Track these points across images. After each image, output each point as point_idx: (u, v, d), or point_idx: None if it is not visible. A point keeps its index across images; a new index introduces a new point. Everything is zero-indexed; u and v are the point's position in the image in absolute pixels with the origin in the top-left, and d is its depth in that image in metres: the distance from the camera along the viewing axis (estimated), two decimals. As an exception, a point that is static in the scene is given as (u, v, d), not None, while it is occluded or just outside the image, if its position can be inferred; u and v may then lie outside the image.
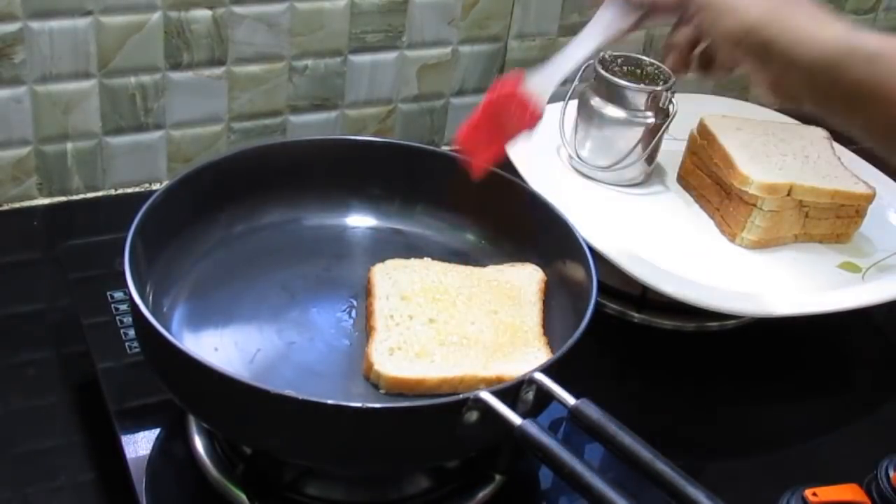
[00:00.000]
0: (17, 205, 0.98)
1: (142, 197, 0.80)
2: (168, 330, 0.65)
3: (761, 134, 0.98)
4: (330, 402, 0.59)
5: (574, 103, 0.99)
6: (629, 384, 0.87)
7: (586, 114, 0.97)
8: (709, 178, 0.96)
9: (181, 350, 0.62)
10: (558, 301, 0.77)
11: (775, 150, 0.96)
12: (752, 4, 0.65)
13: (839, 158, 0.97)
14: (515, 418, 0.59)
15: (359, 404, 0.61)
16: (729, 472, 0.79)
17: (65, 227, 0.97)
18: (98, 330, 0.81)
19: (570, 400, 0.62)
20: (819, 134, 1.01)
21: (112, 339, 0.81)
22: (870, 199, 0.93)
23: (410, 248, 0.83)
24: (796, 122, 1.06)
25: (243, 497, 0.68)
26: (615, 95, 0.95)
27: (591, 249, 0.76)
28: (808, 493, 0.72)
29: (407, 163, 0.85)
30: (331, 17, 1.01)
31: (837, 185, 0.92)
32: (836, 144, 1.01)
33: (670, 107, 0.96)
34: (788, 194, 0.90)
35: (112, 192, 1.01)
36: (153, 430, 0.74)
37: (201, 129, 1.02)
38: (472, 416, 0.60)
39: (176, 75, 0.97)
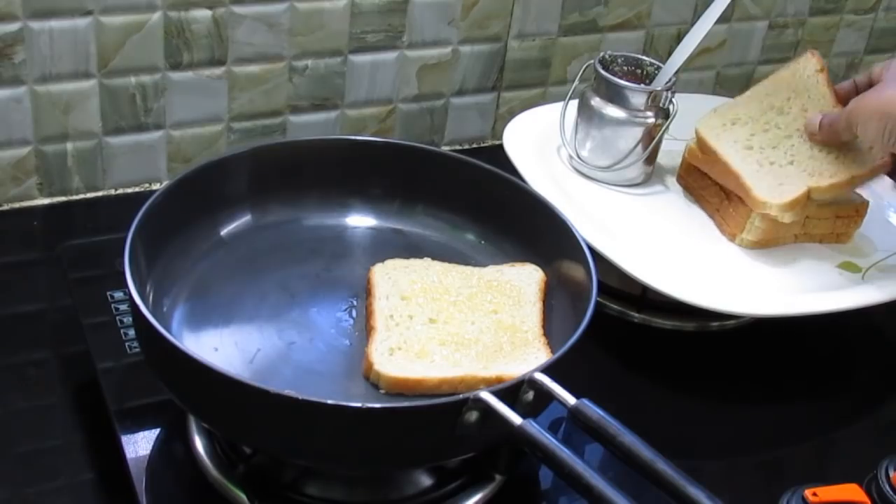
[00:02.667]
0: (17, 205, 0.98)
1: (142, 197, 0.80)
2: (168, 330, 0.65)
3: (761, 128, 0.94)
4: (330, 402, 0.59)
5: (574, 103, 0.99)
6: (629, 384, 0.86)
7: (586, 114, 0.97)
8: (709, 178, 0.96)
9: (181, 350, 0.62)
10: (558, 301, 0.77)
11: (780, 151, 0.92)
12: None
13: None
14: (515, 418, 0.59)
15: (359, 404, 0.61)
16: (729, 472, 0.79)
17: (65, 227, 0.97)
18: (98, 330, 0.81)
19: (570, 400, 0.62)
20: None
21: (112, 339, 0.81)
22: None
23: (410, 248, 0.83)
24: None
25: (243, 497, 0.68)
26: (615, 95, 0.95)
27: (591, 249, 0.76)
28: (808, 493, 0.72)
29: (407, 163, 0.85)
30: (331, 17, 1.01)
31: (854, 170, 0.89)
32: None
33: (670, 107, 0.96)
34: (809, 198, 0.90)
35: (112, 192, 1.01)
36: (153, 430, 0.74)
37: (201, 129, 1.02)
38: (472, 416, 0.60)
39: (176, 75, 0.97)
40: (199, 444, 0.72)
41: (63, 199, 1.00)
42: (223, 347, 0.72)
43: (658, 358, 0.90)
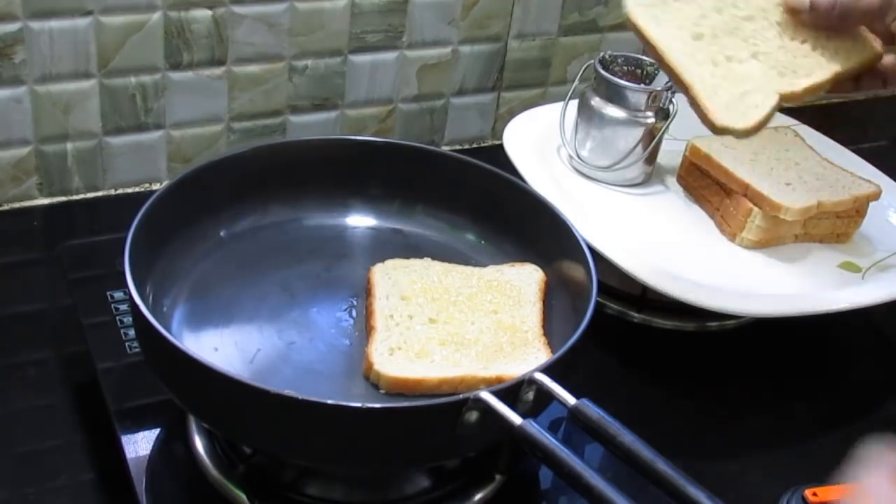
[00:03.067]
0: (17, 205, 0.98)
1: (142, 197, 0.80)
2: (168, 330, 0.65)
3: (712, 6, 0.77)
4: (330, 402, 0.59)
5: (574, 103, 0.99)
6: (629, 384, 0.86)
7: (586, 114, 0.97)
8: (709, 178, 0.96)
9: (181, 350, 0.62)
10: (558, 301, 0.77)
11: (739, 39, 0.76)
12: None
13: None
14: (515, 418, 0.59)
15: (359, 404, 0.61)
16: (729, 472, 0.79)
17: (65, 227, 0.97)
18: (98, 330, 0.81)
19: (570, 400, 0.62)
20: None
21: (112, 339, 0.81)
22: (876, 196, 0.94)
23: (410, 248, 0.83)
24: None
25: (243, 497, 0.68)
26: (615, 95, 0.95)
27: (591, 249, 0.76)
28: (808, 493, 0.72)
29: (407, 163, 0.85)
30: (331, 17, 1.01)
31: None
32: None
33: (670, 107, 0.96)
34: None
35: (112, 192, 1.01)
36: (153, 430, 0.74)
37: (201, 129, 1.02)
38: (472, 416, 0.60)
39: (176, 75, 0.97)
40: (199, 444, 0.72)
41: (63, 199, 1.00)
42: (223, 347, 0.72)
43: (658, 358, 0.90)
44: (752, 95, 0.69)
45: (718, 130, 0.69)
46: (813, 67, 0.70)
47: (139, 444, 0.72)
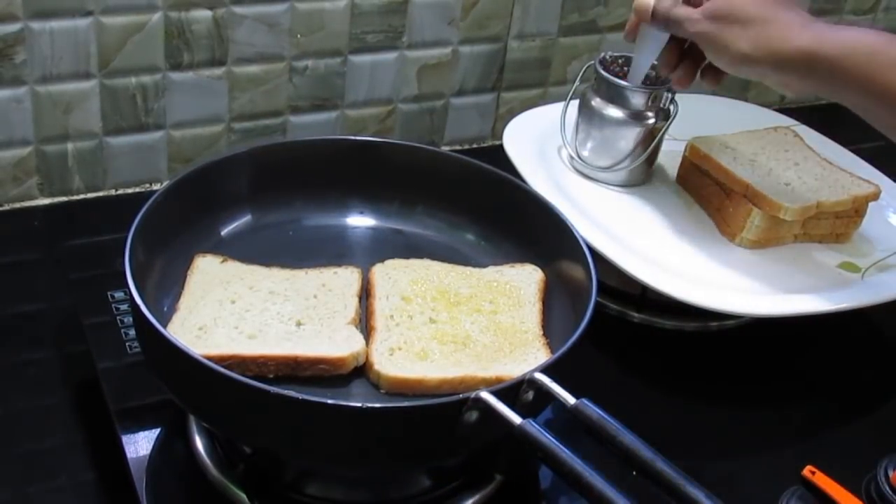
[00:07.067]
0: (17, 205, 0.98)
1: (142, 197, 0.80)
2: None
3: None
4: (330, 401, 0.59)
5: (575, 104, 0.99)
6: (629, 384, 0.87)
7: (587, 114, 0.97)
8: (709, 178, 0.96)
9: (181, 350, 0.62)
10: (558, 301, 0.77)
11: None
12: (739, 39, 0.77)
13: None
14: (515, 418, 0.59)
15: (359, 404, 0.61)
16: (728, 472, 0.79)
17: (65, 227, 0.97)
18: (98, 330, 0.81)
19: (571, 400, 0.62)
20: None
21: (112, 338, 0.81)
22: (875, 196, 0.94)
23: (410, 248, 0.83)
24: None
25: (243, 497, 0.68)
26: (616, 96, 0.95)
27: (591, 249, 0.76)
28: (806, 471, 0.73)
29: (407, 163, 0.85)
30: (331, 17, 1.01)
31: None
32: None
33: (671, 107, 0.96)
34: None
35: (112, 192, 1.01)
36: (153, 430, 0.74)
37: (202, 130, 1.02)
38: (472, 416, 0.61)
39: (176, 75, 0.97)
40: (199, 444, 0.72)
41: (63, 199, 1.00)
42: (223, 347, 0.72)
43: (658, 358, 0.90)
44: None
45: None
46: None
47: (139, 444, 0.73)
